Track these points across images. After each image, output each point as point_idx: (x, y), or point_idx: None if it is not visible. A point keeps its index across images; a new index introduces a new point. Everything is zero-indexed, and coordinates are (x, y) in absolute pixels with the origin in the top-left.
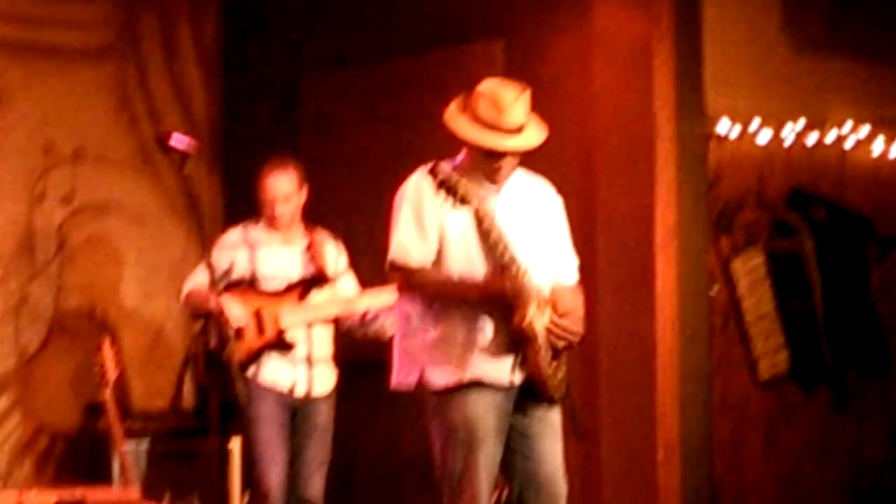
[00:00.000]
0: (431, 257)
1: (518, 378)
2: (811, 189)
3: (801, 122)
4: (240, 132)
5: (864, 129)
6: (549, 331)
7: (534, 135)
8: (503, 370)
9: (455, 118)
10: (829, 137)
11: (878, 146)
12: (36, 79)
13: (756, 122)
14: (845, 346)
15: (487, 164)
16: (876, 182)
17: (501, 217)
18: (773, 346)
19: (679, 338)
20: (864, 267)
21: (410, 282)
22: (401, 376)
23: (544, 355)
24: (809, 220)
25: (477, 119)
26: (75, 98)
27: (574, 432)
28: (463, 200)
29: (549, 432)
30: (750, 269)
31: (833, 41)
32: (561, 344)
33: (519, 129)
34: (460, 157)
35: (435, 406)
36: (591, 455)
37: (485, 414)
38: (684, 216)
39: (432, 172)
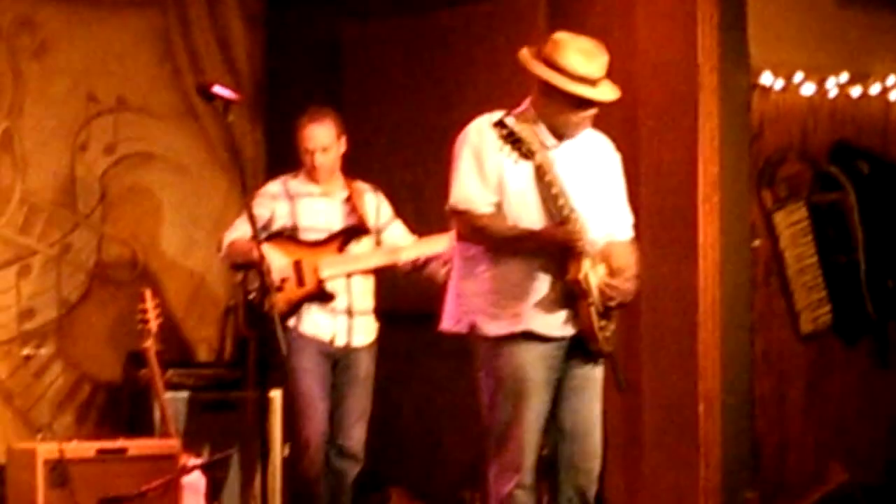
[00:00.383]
0: (492, 202)
1: (569, 331)
2: (854, 142)
3: (845, 75)
4: (282, 84)
5: None
6: (601, 289)
7: (612, 89)
8: (556, 323)
9: (539, 68)
10: (873, 90)
11: None
12: (79, 29)
13: (799, 74)
14: (888, 299)
15: (561, 115)
16: None
17: (561, 170)
18: (815, 300)
19: (721, 291)
20: None
21: (471, 226)
22: (452, 321)
23: (596, 310)
24: (853, 174)
25: (560, 69)
26: (118, 48)
27: (616, 385)
28: (527, 155)
29: (590, 387)
30: (792, 223)
31: None
32: (613, 303)
33: (597, 81)
34: (523, 106)
35: (485, 355)
36: (633, 408)
37: (535, 365)
38: (727, 169)
39: (498, 125)
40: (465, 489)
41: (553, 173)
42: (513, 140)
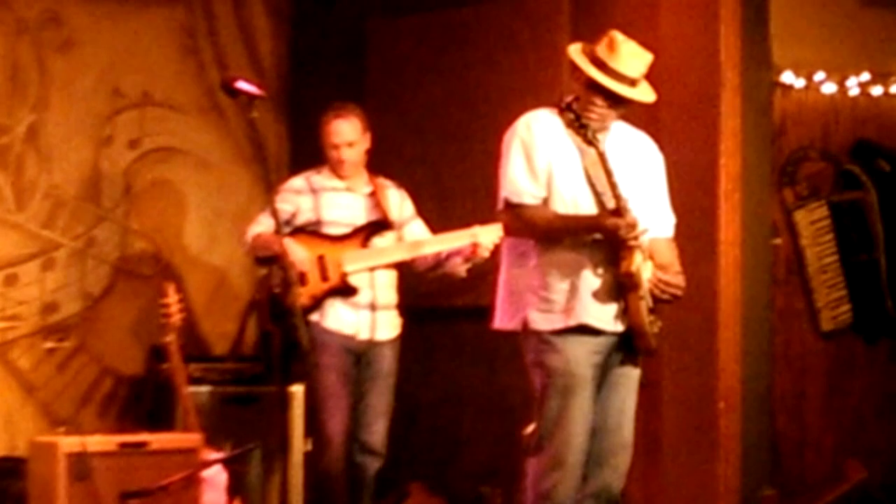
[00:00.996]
0: (542, 196)
1: (620, 327)
2: (876, 141)
3: (866, 74)
4: (307, 79)
5: None
6: (653, 283)
7: (650, 91)
8: (608, 317)
9: (581, 60)
10: (894, 89)
11: None
12: (104, 23)
13: (821, 73)
14: None
15: (600, 110)
16: None
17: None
18: (835, 298)
19: (741, 288)
20: None
21: (523, 219)
22: (505, 317)
23: (646, 305)
24: (874, 172)
25: (601, 64)
26: (143, 43)
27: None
28: (591, 141)
29: (627, 384)
30: (813, 221)
31: None
32: (665, 296)
33: (635, 82)
34: (567, 100)
35: (535, 350)
36: (653, 405)
37: (584, 361)
38: (748, 167)
39: (567, 110)
40: (485, 485)
41: (609, 162)
42: (579, 125)
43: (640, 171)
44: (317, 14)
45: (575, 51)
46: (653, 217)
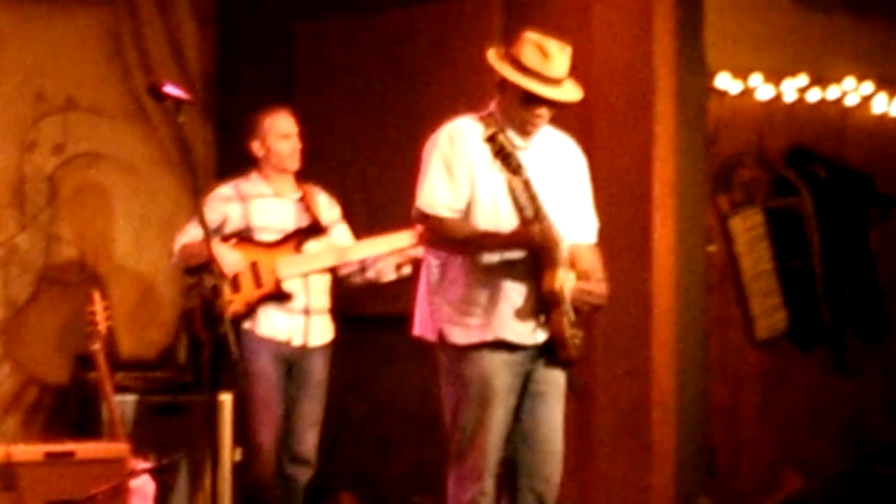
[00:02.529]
0: (461, 207)
1: (540, 338)
2: (812, 147)
3: (803, 78)
4: (234, 84)
5: (866, 87)
6: (574, 295)
7: (574, 90)
8: (526, 331)
9: (498, 63)
10: (831, 94)
11: (879, 104)
12: (27, 26)
13: (757, 77)
14: (843, 306)
15: (523, 113)
16: (877, 140)
17: (530, 173)
18: (770, 306)
19: (675, 296)
20: (864, 226)
21: (437, 231)
22: (423, 326)
23: (568, 320)
24: (810, 178)
25: (521, 66)
26: (67, 46)
27: (570, 390)
28: (516, 171)
29: (553, 392)
30: (748, 227)
31: None
32: (587, 308)
33: (560, 81)
34: (490, 108)
35: (450, 362)
36: (586, 413)
37: (502, 371)
38: (683, 173)
39: (491, 140)
40: (416, 494)
41: (527, 175)
42: (503, 155)
43: (563, 175)
44: (244, 18)
45: (494, 56)
46: (576, 222)
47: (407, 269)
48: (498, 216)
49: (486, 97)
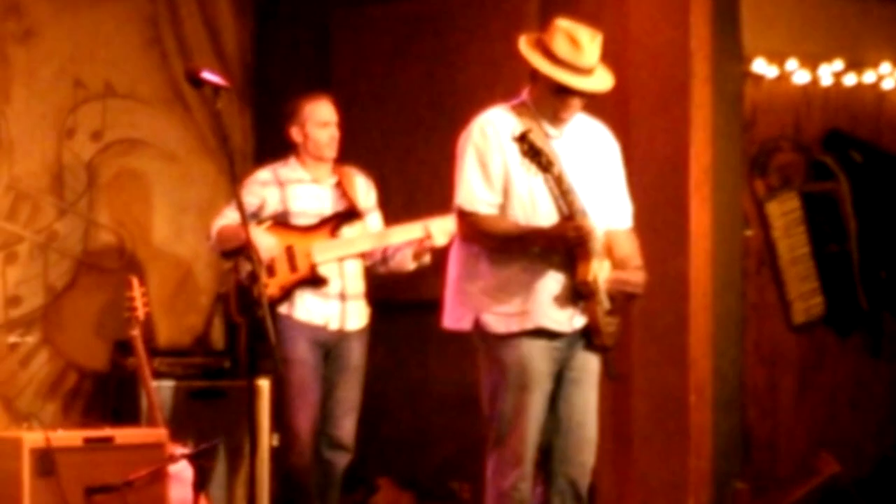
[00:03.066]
0: (496, 203)
1: (578, 323)
2: (848, 131)
3: (839, 63)
4: (271, 70)
5: None
6: (612, 284)
7: (606, 78)
8: (564, 318)
9: (530, 53)
10: (867, 79)
11: None
12: (66, 14)
13: (793, 62)
14: (880, 290)
15: (555, 103)
16: None
17: (564, 161)
18: (807, 290)
19: (713, 281)
20: None
21: (477, 228)
22: (454, 317)
23: (602, 309)
24: (846, 163)
25: (552, 56)
26: (105, 34)
27: (607, 375)
28: (546, 167)
29: (588, 378)
30: (785, 212)
31: None
32: (623, 297)
33: (591, 71)
34: (523, 96)
35: (489, 348)
36: (623, 398)
37: (540, 356)
38: (719, 158)
39: (520, 140)
40: (453, 480)
41: (560, 168)
42: (533, 154)
43: (596, 161)
44: (281, 4)
45: (526, 46)
46: (611, 208)
47: (426, 259)
48: (535, 207)
49: (521, 83)
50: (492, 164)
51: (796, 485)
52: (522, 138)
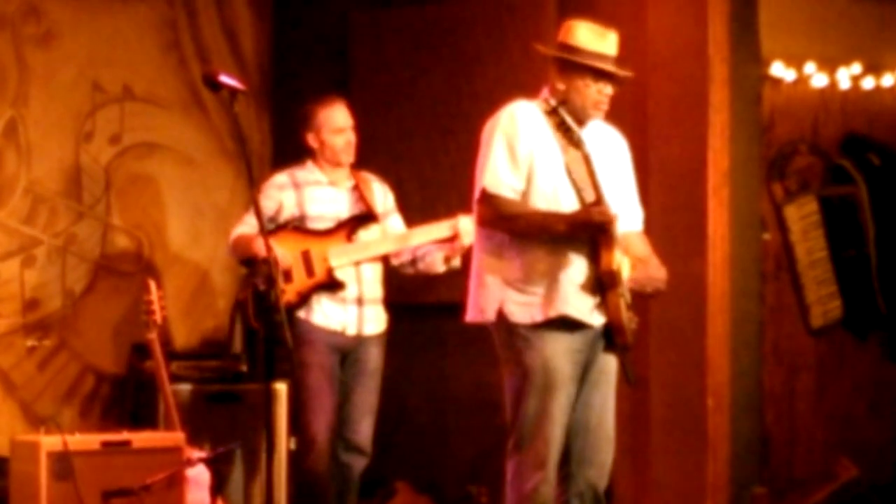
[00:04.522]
0: (522, 188)
1: (599, 319)
2: (866, 134)
3: (857, 66)
4: (289, 74)
5: None
6: (639, 278)
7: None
8: (587, 308)
9: (557, 52)
10: (886, 82)
11: None
12: (84, 17)
13: (811, 65)
14: None
15: (594, 96)
16: None
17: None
18: (825, 294)
19: (731, 284)
20: None
21: (501, 212)
22: (477, 309)
23: (625, 302)
24: (864, 166)
25: (582, 50)
26: (124, 37)
27: (624, 379)
28: (577, 144)
29: (606, 381)
30: (803, 215)
31: None
32: (649, 289)
33: (612, 61)
34: (543, 95)
35: (512, 346)
36: (641, 401)
37: (564, 358)
38: (737, 161)
39: (552, 113)
40: (471, 483)
41: (592, 162)
42: (565, 129)
43: (611, 165)
44: (299, 8)
45: (549, 48)
46: (624, 211)
47: (456, 262)
48: (557, 197)
49: (539, 86)
50: (519, 149)
51: (814, 489)
52: (555, 111)
